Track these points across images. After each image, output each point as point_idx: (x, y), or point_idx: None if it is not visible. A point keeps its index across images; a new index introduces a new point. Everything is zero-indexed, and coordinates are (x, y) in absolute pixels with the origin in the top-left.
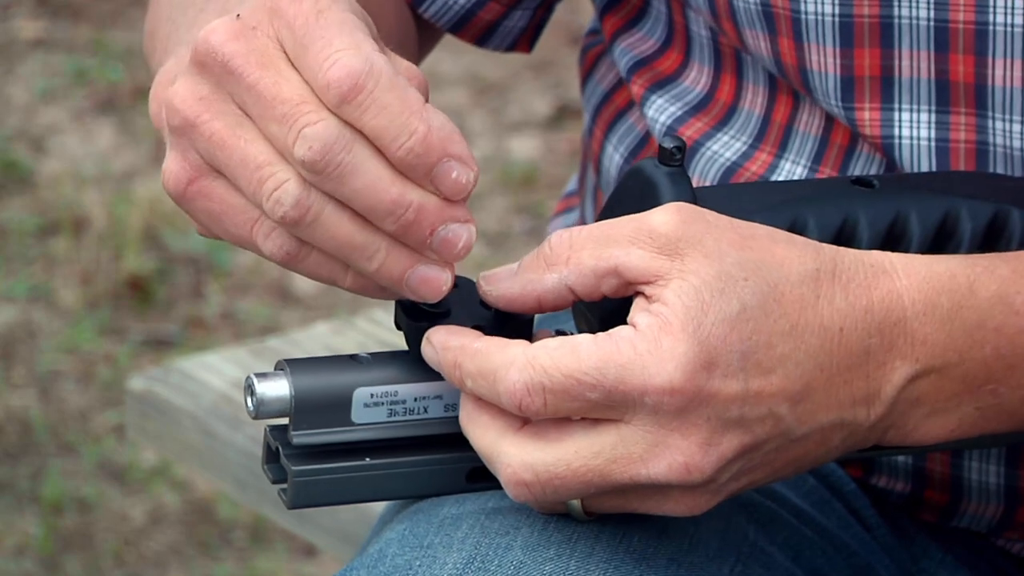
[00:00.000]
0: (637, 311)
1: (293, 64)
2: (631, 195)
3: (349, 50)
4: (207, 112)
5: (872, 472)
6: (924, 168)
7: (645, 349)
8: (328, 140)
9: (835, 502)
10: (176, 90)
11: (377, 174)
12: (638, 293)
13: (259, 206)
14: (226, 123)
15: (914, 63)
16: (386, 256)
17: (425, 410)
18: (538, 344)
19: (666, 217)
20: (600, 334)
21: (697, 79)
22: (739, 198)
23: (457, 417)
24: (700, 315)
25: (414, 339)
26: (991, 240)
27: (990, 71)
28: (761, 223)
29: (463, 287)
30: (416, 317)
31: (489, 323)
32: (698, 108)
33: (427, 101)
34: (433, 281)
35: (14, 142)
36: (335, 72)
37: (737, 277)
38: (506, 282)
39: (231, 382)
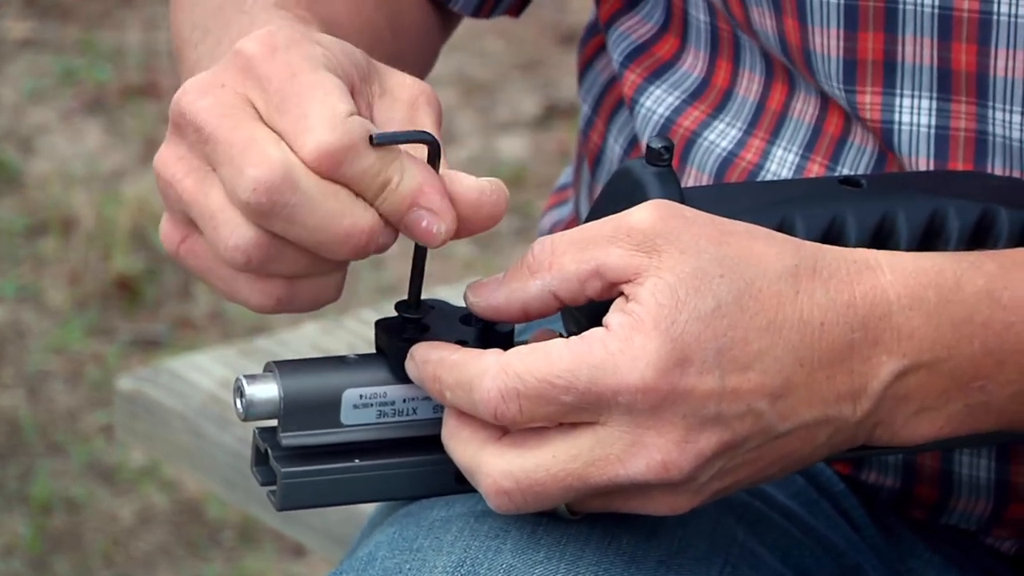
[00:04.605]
0: (613, 311)
1: (265, 122)
2: (619, 196)
3: (322, 124)
4: (181, 171)
5: (862, 468)
6: (922, 155)
7: (617, 348)
8: (272, 181)
9: (823, 502)
10: (158, 155)
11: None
12: (620, 293)
13: (221, 256)
14: (195, 179)
15: (917, 49)
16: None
17: (414, 411)
18: (511, 351)
19: (644, 215)
20: (573, 337)
21: (694, 64)
22: (728, 199)
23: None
24: (674, 312)
25: (396, 356)
26: (979, 239)
27: (992, 61)
28: (749, 223)
29: (440, 309)
30: (397, 335)
31: (471, 339)
32: (696, 95)
33: (439, 115)
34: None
35: (2, 142)
36: (309, 148)
37: (713, 274)
38: (492, 291)
39: (220, 382)
